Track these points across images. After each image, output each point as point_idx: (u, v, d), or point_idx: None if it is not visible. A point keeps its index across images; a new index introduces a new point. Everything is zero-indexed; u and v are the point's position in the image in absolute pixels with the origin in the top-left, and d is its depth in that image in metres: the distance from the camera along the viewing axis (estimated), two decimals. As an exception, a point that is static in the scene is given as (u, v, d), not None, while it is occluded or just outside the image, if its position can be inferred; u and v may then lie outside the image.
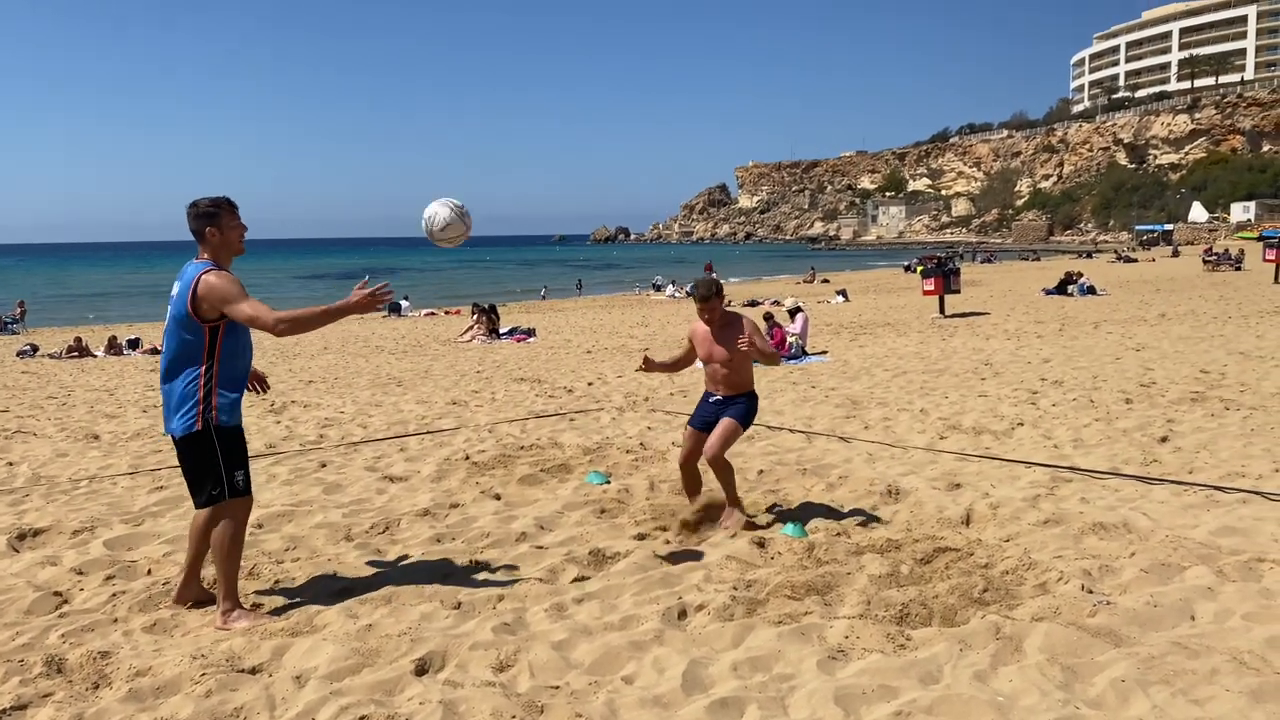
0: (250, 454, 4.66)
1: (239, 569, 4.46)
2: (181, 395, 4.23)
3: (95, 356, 21.81)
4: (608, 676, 3.72)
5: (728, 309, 5.88)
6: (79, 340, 22.85)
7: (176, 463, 7.94)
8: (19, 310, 34.96)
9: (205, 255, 4.28)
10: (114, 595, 4.73)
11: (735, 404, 5.76)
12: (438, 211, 4.70)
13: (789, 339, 15.41)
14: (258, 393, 4.85)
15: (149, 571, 5.09)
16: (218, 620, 4.32)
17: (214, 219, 4.27)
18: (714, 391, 5.86)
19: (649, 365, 5.98)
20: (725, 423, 5.68)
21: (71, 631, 4.27)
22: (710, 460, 5.61)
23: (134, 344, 23.16)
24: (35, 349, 23.03)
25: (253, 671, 3.82)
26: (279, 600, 4.65)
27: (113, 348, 22.59)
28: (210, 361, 4.21)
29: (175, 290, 4.26)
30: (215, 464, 4.26)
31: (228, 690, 3.62)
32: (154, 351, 22.15)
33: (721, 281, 5.96)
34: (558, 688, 3.61)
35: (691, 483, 5.87)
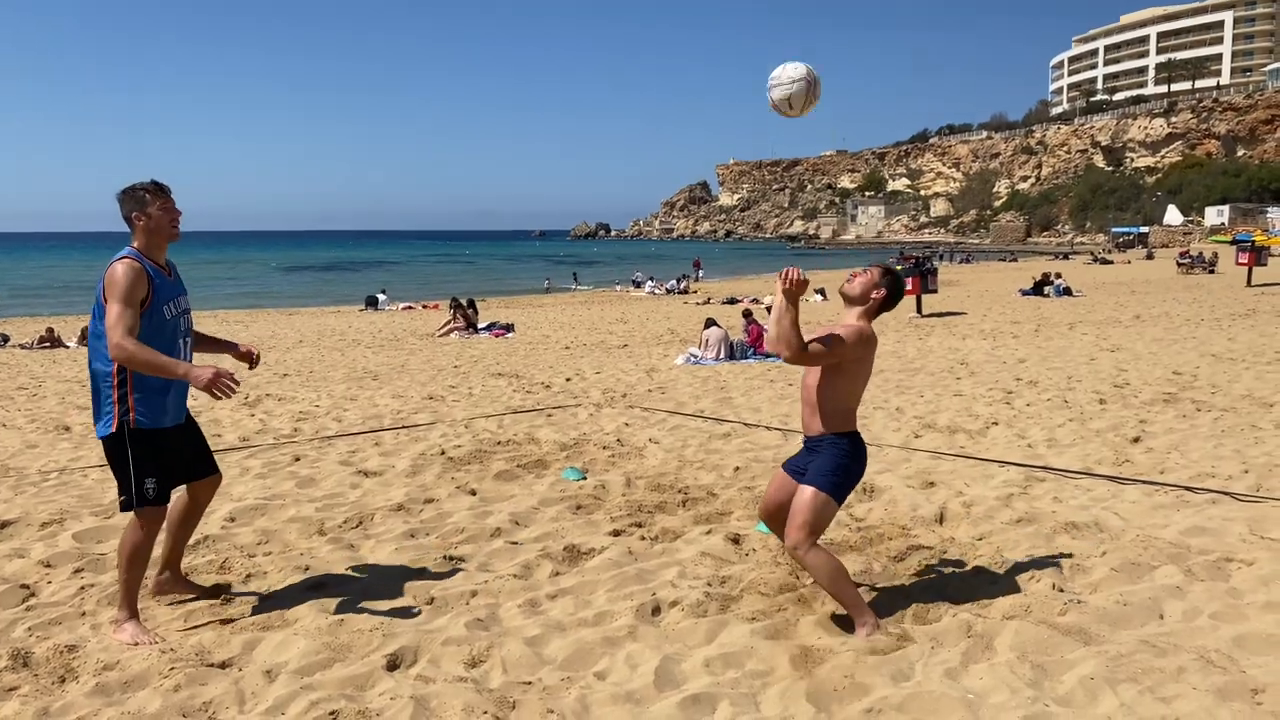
0: (223, 447, 4.60)
1: (140, 581, 4.16)
2: (99, 393, 4.02)
3: (67, 347, 21.57)
4: (580, 672, 3.71)
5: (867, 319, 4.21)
6: (51, 330, 22.59)
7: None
8: (-10, 300, 34.54)
9: (136, 244, 4.03)
10: (82, 589, 4.68)
11: (818, 455, 4.11)
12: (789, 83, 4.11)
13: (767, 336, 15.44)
14: (245, 370, 4.47)
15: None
16: (110, 627, 4.13)
17: (141, 204, 4.01)
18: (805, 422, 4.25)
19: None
20: (800, 495, 4.03)
21: (39, 625, 4.22)
22: (789, 550, 4.06)
23: (107, 335, 22.91)
24: (6, 339, 22.75)
25: (222, 666, 3.79)
26: (250, 594, 4.61)
27: (85, 338, 22.35)
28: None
29: None
30: (126, 468, 3.99)
31: (196, 685, 3.59)
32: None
33: (899, 285, 4.31)
34: (530, 684, 3.61)
35: (778, 529, 4.34)
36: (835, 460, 4.06)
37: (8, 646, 3.96)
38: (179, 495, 4.37)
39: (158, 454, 4.04)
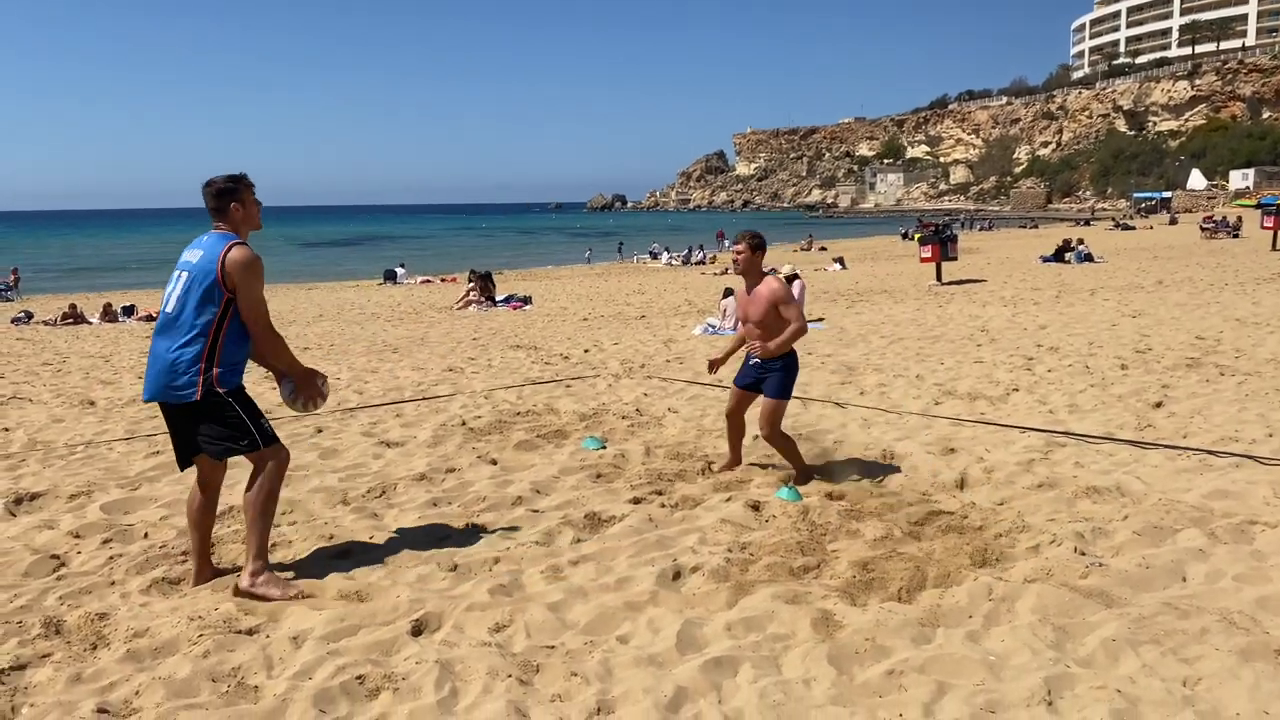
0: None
1: (270, 528, 4.33)
2: (183, 363, 4.09)
3: (90, 323, 21.77)
4: (603, 636, 3.75)
5: (767, 270, 5.90)
6: (74, 307, 22.80)
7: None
8: (13, 277, 34.84)
9: (226, 230, 4.21)
10: (111, 558, 4.75)
11: (773, 374, 5.76)
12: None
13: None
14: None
15: (146, 535, 5.11)
16: (244, 581, 4.18)
17: (236, 194, 4.23)
18: (752, 352, 5.88)
19: (716, 364, 6.27)
20: (767, 403, 5.72)
21: (69, 594, 4.29)
22: (766, 439, 5.80)
23: (129, 311, 23.12)
24: (30, 316, 22.97)
25: (250, 632, 3.84)
26: (276, 563, 4.66)
27: (108, 315, 22.54)
28: (218, 331, 4.10)
29: (194, 256, 4.15)
30: (236, 418, 4.17)
31: (225, 651, 3.64)
32: (149, 319, 22.09)
33: (764, 239, 5.92)
34: (553, 647, 3.64)
35: (733, 433, 6.11)
36: (786, 375, 5.77)
37: (40, 615, 4.03)
38: (193, 490, 4.40)
39: (249, 399, 4.28)
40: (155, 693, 3.34)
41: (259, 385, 10.12)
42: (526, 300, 22.58)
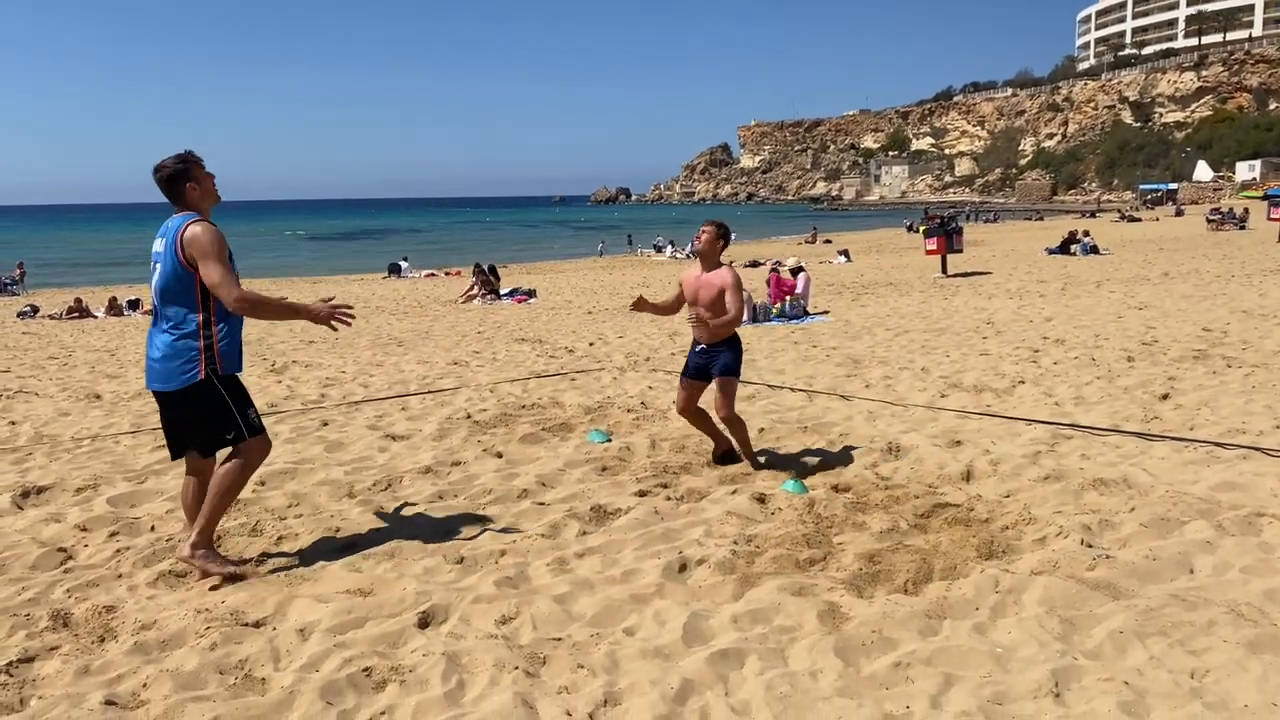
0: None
1: (225, 514, 4.43)
2: (178, 348, 4.16)
3: (95, 317, 21.80)
4: (609, 628, 3.75)
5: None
6: (79, 301, 22.84)
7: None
8: (19, 271, 34.91)
9: (186, 211, 4.23)
10: (118, 551, 4.75)
11: (720, 355, 5.94)
12: None
13: (794, 293, 15.39)
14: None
15: (152, 528, 5.12)
16: (183, 550, 4.30)
17: (189, 174, 4.22)
18: (698, 339, 6.05)
19: (640, 304, 6.16)
20: (719, 382, 5.90)
21: (77, 586, 4.30)
22: (724, 421, 5.91)
23: (134, 305, 23.14)
24: (35, 310, 23.01)
25: (257, 625, 3.85)
26: (282, 556, 4.67)
27: (113, 308, 22.57)
28: (205, 311, 4.16)
29: (160, 246, 4.19)
30: (224, 408, 4.24)
31: (232, 643, 3.65)
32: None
33: (731, 230, 6.17)
34: (560, 640, 3.65)
35: (698, 423, 6.20)
36: (734, 355, 5.97)
37: (48, 607, 4.04)
38: (186, 482, 4.50)
39: (242, 389, 4.36)
40: (163, 685, 3.35)
41: (263, 380, 10.14)
42: (531, 294, 22.58)
